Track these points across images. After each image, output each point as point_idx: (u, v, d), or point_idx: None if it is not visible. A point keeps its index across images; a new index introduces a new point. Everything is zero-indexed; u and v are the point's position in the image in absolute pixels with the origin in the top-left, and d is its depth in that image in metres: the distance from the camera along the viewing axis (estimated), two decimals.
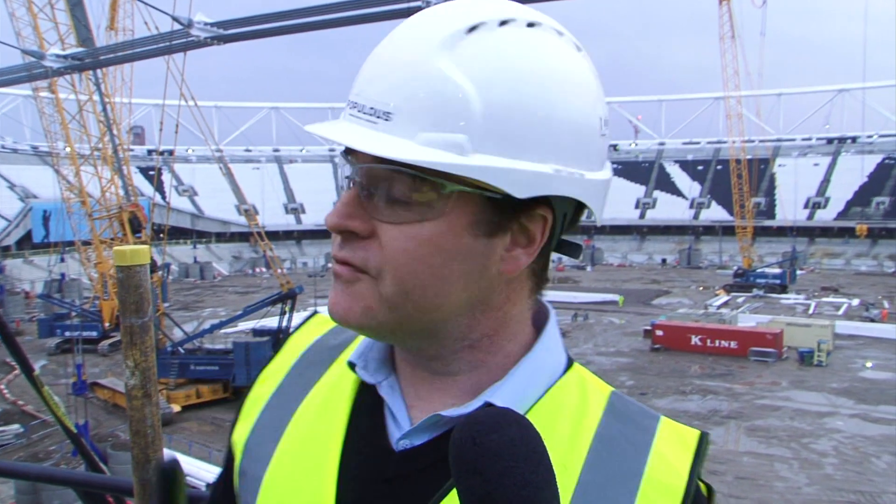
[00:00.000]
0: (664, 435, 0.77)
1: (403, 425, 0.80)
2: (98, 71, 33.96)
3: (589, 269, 71.05)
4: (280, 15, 24.53)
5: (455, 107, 0.70)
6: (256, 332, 31.05)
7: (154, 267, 41.71)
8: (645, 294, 53.53)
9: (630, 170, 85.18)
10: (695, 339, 34.31)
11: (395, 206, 0.73)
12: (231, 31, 25.56)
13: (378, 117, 0.72)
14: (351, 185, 0.76)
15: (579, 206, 0.78)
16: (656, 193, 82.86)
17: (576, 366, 0.83)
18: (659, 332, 35.32)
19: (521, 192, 0.71)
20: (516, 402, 0.75)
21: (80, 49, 30.73)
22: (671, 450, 0.76)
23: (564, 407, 0.78)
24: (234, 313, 36.43)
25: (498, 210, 0.73)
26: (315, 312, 1.05)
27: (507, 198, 0.72)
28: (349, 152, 0.76)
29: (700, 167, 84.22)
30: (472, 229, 0.73)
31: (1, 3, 30.59)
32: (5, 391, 29.94)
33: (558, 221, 0.77)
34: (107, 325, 38.82)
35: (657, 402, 26.94)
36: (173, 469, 0.85)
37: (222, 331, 34.19)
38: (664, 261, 74.28)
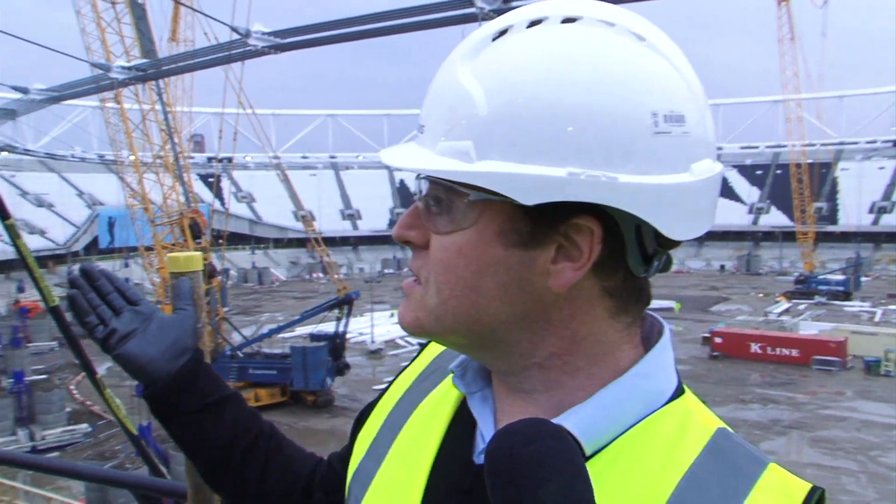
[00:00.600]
0: (766, 484, 0.68)
1: (487, 438, 0.78)
2: (160, 81, 34.89)
3: None
4: (335, 24, 24.84)
5: (462, 113, 0.69)
6: (314, 337, 31.50)
7: (213, 272, 42.59)
8: (703, 301, 52.53)
9: None
10: (755, 347, 33.54)
11: (437, 216, 0.74)
12: (287, 41, 25.97)
13: (419, 132, 0.75)
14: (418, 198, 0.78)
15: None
16: None
17: (686, 396, 0.77)
18: (718, 340, 34.62)
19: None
20: (597, 427, 0.71)
21: (144, 60, 31.65)
22: (770, 502, 0.67)
23: (658, 440, 0.71)
24: (292, 318, 36.95)
25: (531, 220, 0.70)
26: None
27: (538, 207, 0.67)
28: None
29: (759, 172, 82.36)
30: (502, 239, 0.71)
31: (73, 20, 31.71)
32: (75, 392, 30.92)
33: (627, 233, 0.70)
34: None
35: (716, 410, 26.12)
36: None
37: (280, 335, 34.71)
38: (723, 267, 72.76)
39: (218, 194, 60.77)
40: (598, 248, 0.69)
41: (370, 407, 1.00)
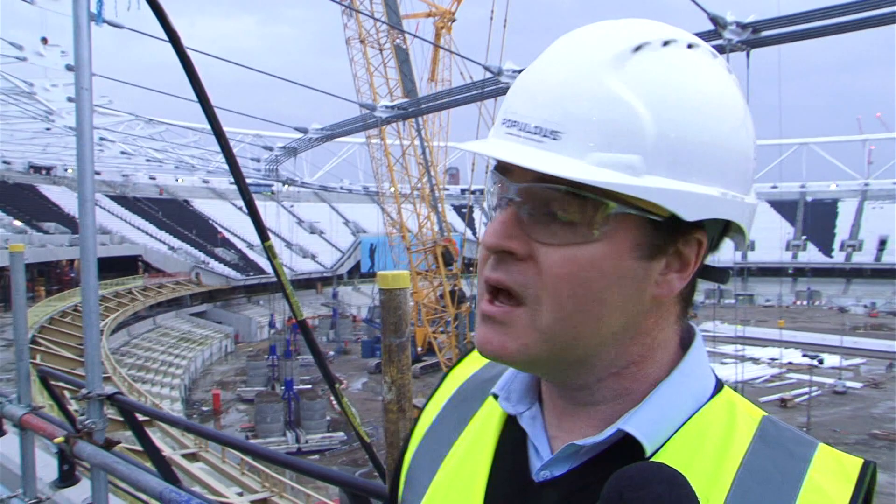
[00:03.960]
0: (820, 464, 0.71)
1: (544, 456, 0.80)
2: (419, 118, 37.42)
3: None
4: None
5: (628, 127, 0.68)
6: None
7: (463, 298, 44.34)
8: None
9: None
10: None
11: (558, 227, 0.71)
12: None
13: (544, 136, 0.69)
14: (507, 204, 0.74)
15: (723, 231, 0.78)
16: None
17: (725, 390, 0.79)
18: None
19: (690, 215, 0.70)
20: (653, 428, 0.73)
21: (405, 100, 34.19)
22: (828, 480, 0.69)
23: (709, 433, 0.74)
24: None
25: (658, 233, 0.72)
26: (474, 347, 1.02)
27: (667, 220, 0.71)
28: (504, 171, 0.75)
29: None
30: (634, 252, 0.71)
31: (346, 67, 35.30)
32: (334, 402, 33.60)
33: (713, 245, 0.77)
34: (419, 349, 42.03)
35: None
36: None
37: None
38: None
39: (470, 224, 63.24)
40: (702, 258, 0.75)
41: (405, 449, 0.99)
